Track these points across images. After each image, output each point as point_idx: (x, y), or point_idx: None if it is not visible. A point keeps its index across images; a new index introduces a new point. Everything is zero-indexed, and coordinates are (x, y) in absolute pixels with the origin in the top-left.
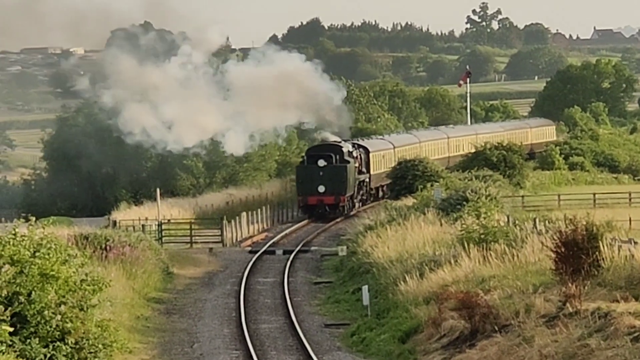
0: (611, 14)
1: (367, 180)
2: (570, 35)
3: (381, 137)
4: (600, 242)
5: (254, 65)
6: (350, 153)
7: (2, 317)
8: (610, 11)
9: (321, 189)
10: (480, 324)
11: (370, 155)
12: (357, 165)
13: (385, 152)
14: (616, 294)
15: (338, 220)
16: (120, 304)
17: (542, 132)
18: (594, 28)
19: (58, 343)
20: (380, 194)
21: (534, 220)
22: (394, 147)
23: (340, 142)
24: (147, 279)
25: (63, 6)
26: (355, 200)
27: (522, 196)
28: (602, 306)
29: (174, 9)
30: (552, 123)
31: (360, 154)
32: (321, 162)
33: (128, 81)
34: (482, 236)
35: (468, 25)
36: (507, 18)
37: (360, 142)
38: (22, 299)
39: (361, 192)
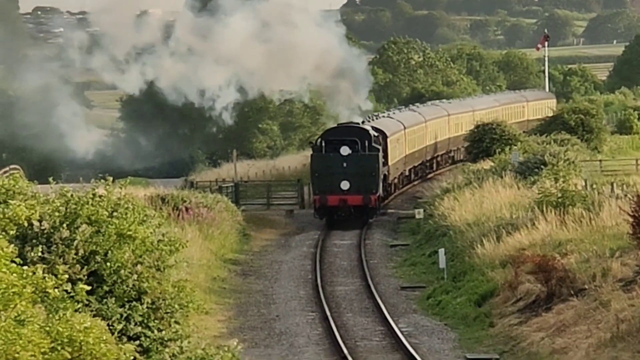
0: None
1: (387, 173)
2: None
3: (386, 114)
4: None
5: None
6: (377, 138)
7: (79, 276)
8: None
9: (345, 185)
10: (557, 288)
11: (388, 140)
12: (382, 154)
13: (399, 136)
14: None
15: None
16: (197, 265)
17: (539, 107)
18: None
19: (134, 303)
20: (393, 188)
21: (612, 184)
22: (405, 129)
23: (361, 123)
24: (224, 240)
25: None
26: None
27: (600, 160)
28: None
29: None
30: (552, 96)
31: (380, 140)
32: (344, 150)
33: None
34: (560, 200)
35: None
36: None
37: (377, 125)
38: (98, 258)
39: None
